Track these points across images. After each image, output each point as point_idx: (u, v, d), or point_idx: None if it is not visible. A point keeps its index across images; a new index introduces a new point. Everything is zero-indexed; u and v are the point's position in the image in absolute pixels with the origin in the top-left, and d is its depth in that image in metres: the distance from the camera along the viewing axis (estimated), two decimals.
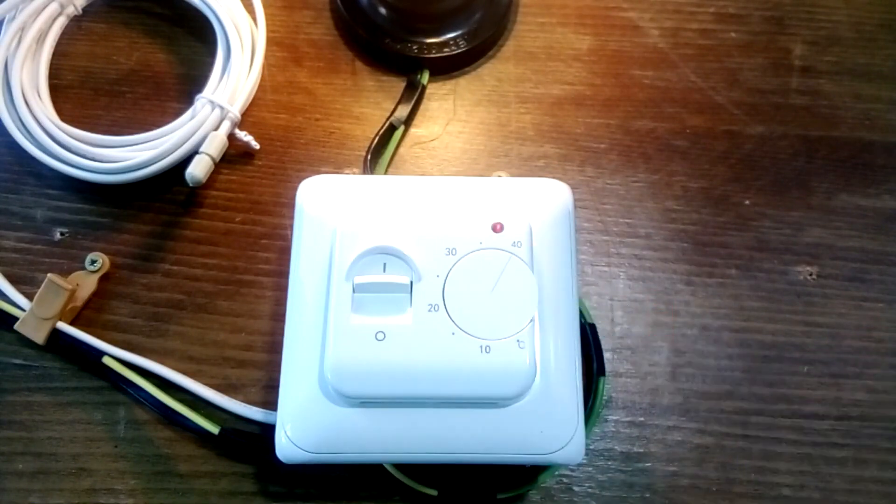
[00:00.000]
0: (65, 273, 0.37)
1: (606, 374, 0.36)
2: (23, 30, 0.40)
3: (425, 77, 0.42)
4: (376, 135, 0.40)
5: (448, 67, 0.43)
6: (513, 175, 0.40)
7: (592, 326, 0.36)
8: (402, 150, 0.41)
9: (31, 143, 0.38)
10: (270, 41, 0.42)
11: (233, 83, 0.39)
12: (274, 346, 0.36)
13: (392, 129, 0.41)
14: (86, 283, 0.37)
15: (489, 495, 0.34)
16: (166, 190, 0.39)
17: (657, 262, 0.39)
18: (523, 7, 0.45)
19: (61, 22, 0.42)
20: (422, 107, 0.42)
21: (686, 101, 0.43)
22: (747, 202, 0.40)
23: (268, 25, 0.42)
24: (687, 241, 0.40)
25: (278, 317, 0.37)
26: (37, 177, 0.40)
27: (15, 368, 0.36)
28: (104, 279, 0.38)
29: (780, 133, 0.42)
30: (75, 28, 0.43)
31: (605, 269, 0.39)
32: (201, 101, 0.39)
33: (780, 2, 0.46)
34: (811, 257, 0.39)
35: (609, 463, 0.35)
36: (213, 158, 0.38)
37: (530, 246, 0.31)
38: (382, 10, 0.43)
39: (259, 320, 0.37)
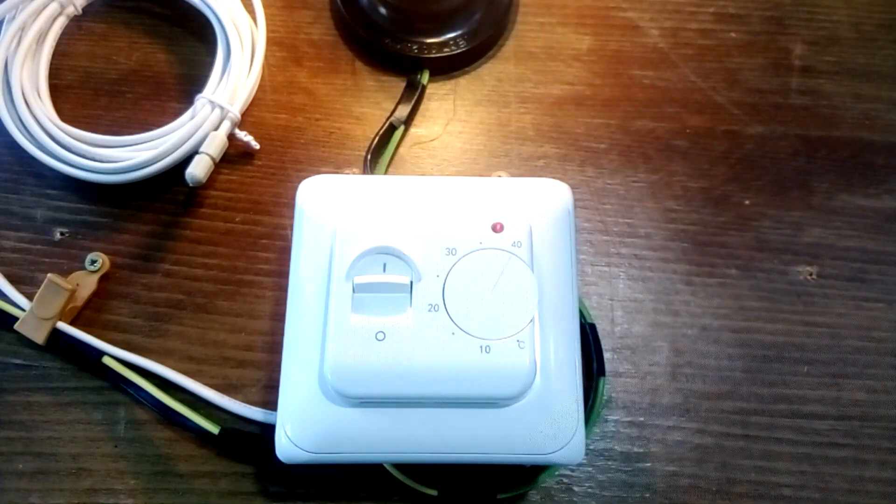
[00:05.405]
0: (65, 273, 0.37)
1: (606, 374, 0.36)
2: (23, 30, 0.40)
3: (425, 77, 0.42)
4: (376, 135, 0.40)
5: (448, 67, 0.43)
6: (513, 175, 0.40)
7: (592, 326, 0.36)
8: (402, 150, 0.41)
9: (31, 143, 0.38)
10: (270, 41, 0.42)
11: (233, 83, 0.39)
12: (274, 346, 0.36)
13: (392, 129, 0.41)
14: (86, 283, 0.37)
15: (489, 495, 0.34)
16: (166, 190, 0.39)
17: (657, 262, 0.39)
18: (523, 7, 0.45)
19: (61, 22, 0.42)
20: (422, 107, 0.42)
21: (686, 101, 0.43)
22: (747, 202, 0.40)
23: (268, 25, 0.42)
24: (687, 241, 0.40)
25: (278, 317, 0.37)
26: (37, 177, 0.40)
27: (15, 368, 0.36)
28: (104, 279, 0.38)
29: (780, 133, 0.42)
30: (75, 28, 0.43)
31: (605, 269, 0.39)
32: (201, 101, 0.39)
33: (780, 2, 0.46)
34: (811, 257, 0.39)
35: (609, 463, 0.35)
36: (213, 158, 0.38)
37: (530, 246, 0.31)
38: (382, 10, 0.42)
39: (259, 320, 0.37)
